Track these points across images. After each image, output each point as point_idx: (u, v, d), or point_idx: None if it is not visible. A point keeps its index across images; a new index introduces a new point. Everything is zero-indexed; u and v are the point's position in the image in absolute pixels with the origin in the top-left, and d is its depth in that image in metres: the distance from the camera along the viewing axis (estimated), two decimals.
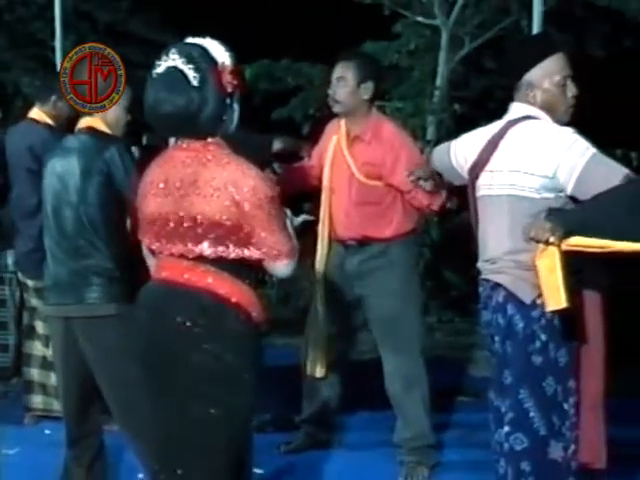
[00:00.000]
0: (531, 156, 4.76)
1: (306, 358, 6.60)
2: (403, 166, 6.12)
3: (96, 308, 5.33)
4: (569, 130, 4.78)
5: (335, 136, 6.46)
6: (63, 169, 5.46)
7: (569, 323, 4.67)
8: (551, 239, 4.44)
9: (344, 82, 6.30)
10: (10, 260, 7.49)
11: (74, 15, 12.06)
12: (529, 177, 4.75)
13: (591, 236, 4.40)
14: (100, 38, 14.21)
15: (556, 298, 4.46)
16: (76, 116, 5.76)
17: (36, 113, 7.35)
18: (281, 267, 4.22)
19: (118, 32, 14.49)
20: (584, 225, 4.45)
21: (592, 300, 4.84)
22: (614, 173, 4.61)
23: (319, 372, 6.52)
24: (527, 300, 4.75)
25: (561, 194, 4.72)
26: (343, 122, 6.44)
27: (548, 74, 4.85)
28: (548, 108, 4.85)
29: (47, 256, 5.58)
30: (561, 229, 4.43)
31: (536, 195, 4.74)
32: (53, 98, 7.14)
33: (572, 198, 4.74)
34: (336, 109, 6.39)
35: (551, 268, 4.46)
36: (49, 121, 7.23)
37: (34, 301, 7.19)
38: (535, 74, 4.87)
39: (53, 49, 10.24)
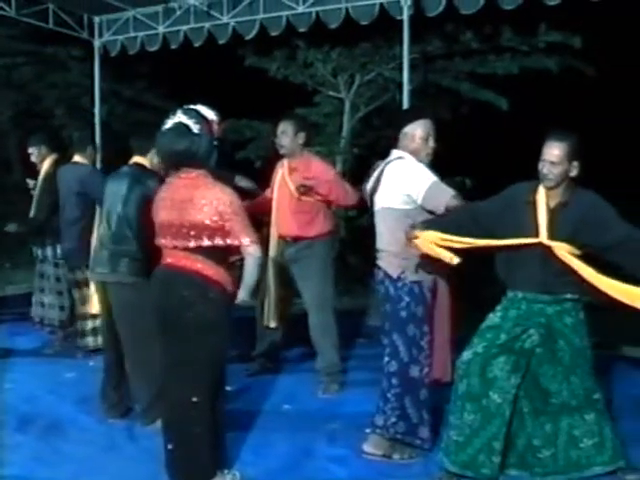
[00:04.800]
0: (398, 183, 4.82)
1: (260, 314, 6.57)
2: (322, 183, 6.19)
3: (123, 277, 5.33)
4: (422, 167, 4.82)
5: (280, 170, 6.43)
6: (116, 187, 5.48)
7: (418, 289, 4.79)
8: (415, 234, 4.55)
9: (286, 133, 6.28)
10: (58, 250, 7.35)
11: (108, 92, 12.09)
12: (397, 195, 4.81)
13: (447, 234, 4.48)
14: (124, 107, 14.26)
15: (446, 258, 4.48)
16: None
17: (77, 157, 7.15)
18: (252, 249, 4.23)
19: (136, 103, 14.48)
20: (442, 229, 4.53)
21: (442, 279, 4.95)
22: (445, 192, 4.69)
23: (273, 323, 6.50)
24: (394, 275, 4.83)
25: (417, 205, 4.76)
26: (286, 160, 6.40)
27: (416, 131, 4.88)
28: (415, 153, 4.88)
29: (96, 242, 5.66)
30: (421, 230, 4.55)
31: (401, 207, 4.81)
32: (89, 148, 7.14)
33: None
34: (282, 151, 6.35)
35: (429, 248, 4.52)
36: (87, 162, 7.13)
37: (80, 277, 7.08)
38: (407, 130, 4.90)
39: (93, 114, 10.28)
